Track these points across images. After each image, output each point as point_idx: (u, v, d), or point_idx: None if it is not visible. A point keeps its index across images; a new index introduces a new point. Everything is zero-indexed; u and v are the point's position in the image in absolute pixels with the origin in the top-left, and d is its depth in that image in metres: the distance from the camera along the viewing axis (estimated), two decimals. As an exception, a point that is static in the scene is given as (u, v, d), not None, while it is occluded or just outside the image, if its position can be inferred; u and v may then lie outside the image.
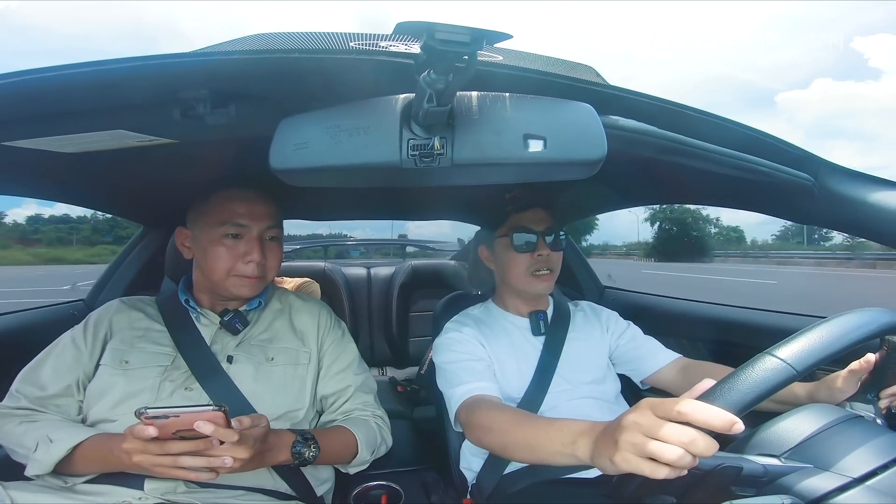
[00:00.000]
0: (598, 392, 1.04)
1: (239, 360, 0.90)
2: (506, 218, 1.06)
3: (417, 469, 1.29)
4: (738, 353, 0.74)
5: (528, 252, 1.03)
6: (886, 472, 0.49)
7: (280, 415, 0.89)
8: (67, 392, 0.85)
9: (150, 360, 0.87)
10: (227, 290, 0.92)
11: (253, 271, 0.91)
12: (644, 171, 0.99)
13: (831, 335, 0.53)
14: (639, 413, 0.52)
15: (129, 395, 0.83)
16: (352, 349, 1.05)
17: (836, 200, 0.79)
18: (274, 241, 0.95)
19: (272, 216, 0.94)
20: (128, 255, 1.65)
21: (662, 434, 0.49)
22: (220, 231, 0.90)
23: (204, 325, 0.93)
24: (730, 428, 0.46)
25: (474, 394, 0.91)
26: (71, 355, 0.87)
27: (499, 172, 0.58)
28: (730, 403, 0.48)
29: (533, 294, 1.07)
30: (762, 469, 0.51)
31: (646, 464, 0.50)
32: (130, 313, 0.94)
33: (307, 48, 0.53)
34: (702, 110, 0.68)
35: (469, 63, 0.43)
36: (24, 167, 0.84)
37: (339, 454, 0.90)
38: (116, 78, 0.52)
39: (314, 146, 0.54)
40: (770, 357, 0.51)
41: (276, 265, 0.96)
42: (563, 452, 0.64)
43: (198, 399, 0.84)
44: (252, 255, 0.90)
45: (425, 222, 3.37)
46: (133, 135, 0.63)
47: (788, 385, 0.50)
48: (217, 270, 0.90)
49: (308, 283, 1.81)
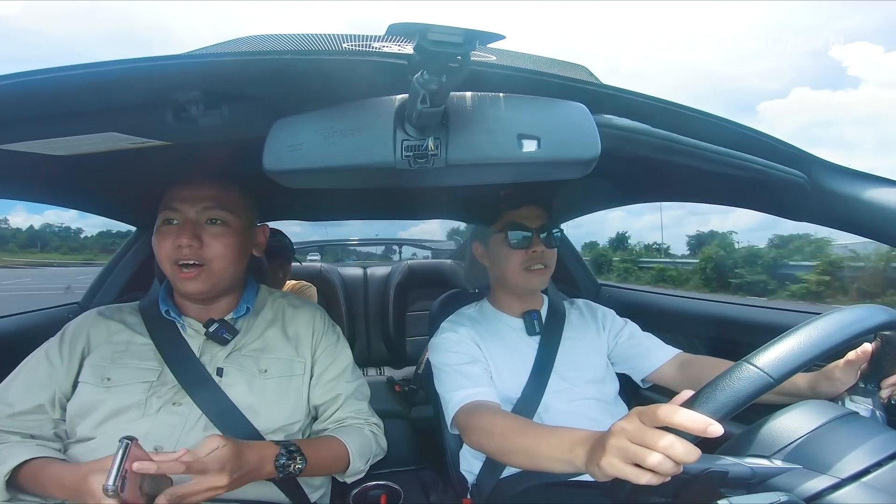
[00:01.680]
0: (599, 392, 1.04)
1: (229, 372, 0.86)
2: (500, 215, 1.06)
3: (416, 469, 1.30)
4: (735, 349, 0.74)
5: (522, 248, 1.03)
6: (880, 469, 0.50)
7: (276, 428, 0.86)
8: (38, 410, 0.81)
9: (134, 375, 0.83)
10: (177, 288, 0.87)
11: (185, 256, 0.83)
12: (639, 170, 0.99)
13: (809, 341, 0.54)
14: (626, 420, 0.55)
15: (115, 413, 0.80)
16: (346, 355, 1.01)
17: (828, 198, 0.80)
18: (219, 226, 0.86)
19: (214, 198, 0.86)
20: (122, 257, 1.64)
21: (644, 440, 0.51)
22: (161, 218, 0.86)
23: (190, 336, 0.88)
24: (705, 430, 0.48)
25: (472, 399, 0.91)
26: (44, 371, 0.83)
27: (493, 172, 0.58)
28: (709, 412, 0.50)
29: (527, 289, 1.08)
30: (750, 471, 0.52)
31: (630, 469, 0.52)
32: (109, 325, 0.89)
33: (300, 49, 0.53)
34: (696, 109, 0.68)
35: (462, 63, 0.43)
36: (15, 170, 0.83)
37: (329, 466, 0.87)
38: (108, 80, 0.52)
39: (308, 147, 0.53)
40: (747, 366, 0.52)
41: (224, 253, 0.86)
42: (562, 460, 0.65)
43: (188, 414, 0.81)
44: (181, 238, 0.82)
45: (419, 222, 3.37)
46: (125, 137, 0.63)
47: (766, 392, 0.51)
48: (163, 262, 0.85)
49: (305, 287, 1.80)
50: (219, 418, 0.82)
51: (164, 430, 0.79)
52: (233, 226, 0.88)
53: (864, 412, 0.68)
